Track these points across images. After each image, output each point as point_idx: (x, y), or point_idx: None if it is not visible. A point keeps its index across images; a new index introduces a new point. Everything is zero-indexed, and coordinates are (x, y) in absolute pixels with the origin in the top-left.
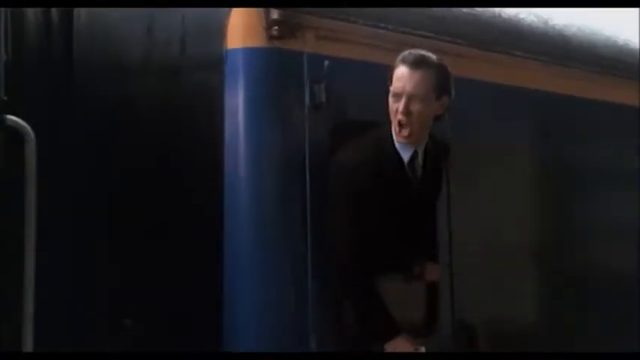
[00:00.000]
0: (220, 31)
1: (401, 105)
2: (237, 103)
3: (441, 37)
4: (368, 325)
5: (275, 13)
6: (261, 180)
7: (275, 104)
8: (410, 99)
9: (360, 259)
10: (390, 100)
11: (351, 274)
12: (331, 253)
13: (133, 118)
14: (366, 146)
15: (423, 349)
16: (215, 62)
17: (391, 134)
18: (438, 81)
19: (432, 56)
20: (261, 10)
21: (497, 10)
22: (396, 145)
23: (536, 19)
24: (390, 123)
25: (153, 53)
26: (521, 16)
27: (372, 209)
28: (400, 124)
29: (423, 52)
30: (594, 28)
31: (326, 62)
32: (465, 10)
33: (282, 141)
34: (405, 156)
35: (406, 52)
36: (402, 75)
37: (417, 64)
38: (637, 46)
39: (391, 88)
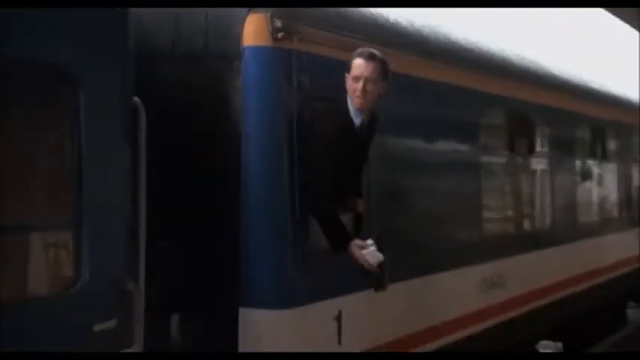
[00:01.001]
0: (239, 33)
1: (360, 85)
2: (251, 81)
3: (381, 42)
4: (335, 235)
5: (278, 22)
6: (266, 131)
7: (275, 83)
8: (366, 81)
9: (327, 191)
10: (350, 81)
11: (321, 202)
12: (311, 186)
13: (181, 90)
14: (333, 112)
15: (372, 248)
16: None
17: (347, 105)
18: (383, 70)
19: (378, 53)
20: (268, 18)
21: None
22: (352, 112)
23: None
24: (346, 97)
25: (190, 44)
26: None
27: (335, 153)
28: (358, 98)
29: (372, 49)
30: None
31: (304, 57)
32: (403, 24)
33: (280, 107)
34: (357, 120)
35: (361, 49)
36: (359, 64)
37: (370, 57)
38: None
39: (351, 74)
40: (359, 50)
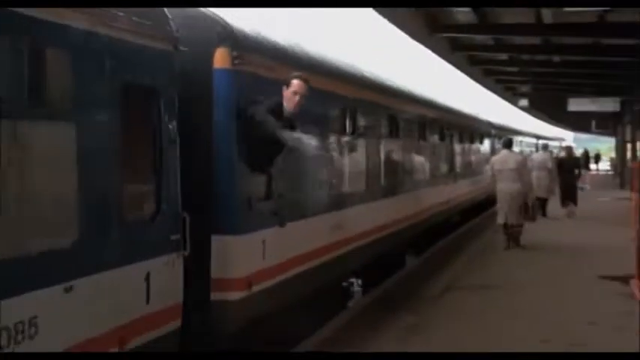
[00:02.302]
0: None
1: (297, 98)
2: (219, 91)
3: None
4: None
5: (234, 53)
6: (227, 123)
7: (234, 96)
8: (301, 96)
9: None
10: (289, 94)
11: (257, 165)
12: (252, 152)
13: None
14: (273, 113)
15: None
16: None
17: (282, 108)
18: (309, 87)
19: (306, 75)
20: (229, 50)
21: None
22: (286, 113)
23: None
24: (280, 101)
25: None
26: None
27: (271, 141)
28: (294, 105)
29: (306, 74)
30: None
31: (248, 75)
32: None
33: (234, 103)
34: (289, 119)
35: (298, 73)
36: (298, 84)
37: (305, 80)
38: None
39: (290, 89)
40: (297, 74)
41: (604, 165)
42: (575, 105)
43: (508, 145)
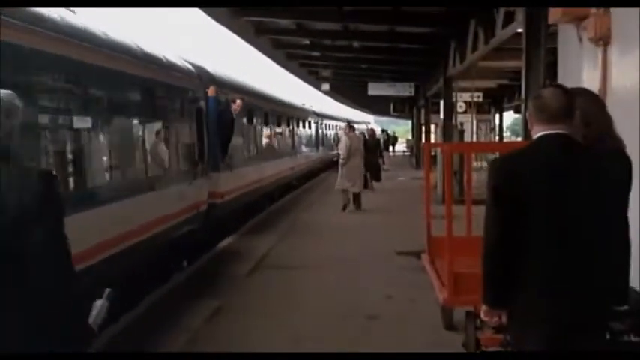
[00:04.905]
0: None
1: (238, 107)
2: (210, 105)
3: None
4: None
5: (217, 88)
6: (214, 119)
7: (215, 106)
8: (238, 106)
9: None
10: (235, 105)
11: (224, 146)
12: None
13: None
14: (228, 114)
15: None
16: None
17: (232, 111)
18: (241, 103)
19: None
20: (215, 88)
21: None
22: (233, 114)
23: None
24: (231, 109)
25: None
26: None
27: (229, 126)
28: (236, 110)
29: (240, 96)
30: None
31: (222, 98)
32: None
33: (215, 111)
34: (234, 117)
35: (240, 95)
36: (239, 102)
37: (241, 99)
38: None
39: (236, 103)
40: (239, 96)
41: (400, 147)
42: (375, 89)
43: (354, 129)
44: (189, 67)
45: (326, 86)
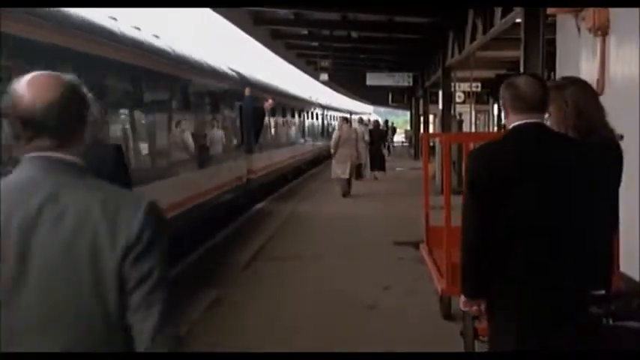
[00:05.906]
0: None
1: (270, 104)
2: (247, 103)
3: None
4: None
5: (251, 88)
6: (249, 112)
7: (251, 102)
8: (271, 105)
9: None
10: (267, 104)
11: (257, 134)
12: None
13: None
14: (260, 109)
15: None
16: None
17: (264, 108)
18: (273, 102)
19: (273, 97)
20: (250, 88)
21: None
22: (265, 110)
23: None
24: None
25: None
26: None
27: (262, 118)
28: (268, 107)
29: (272, 97)
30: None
31: (256, 96)
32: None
33: (250, 107)
34: (265, 112)
35: (269, 97)
36: (271, 102)
37: (272, 99)
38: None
39: (269, 102)
40: (271, 96)
41: (399, 137)
42: (373, 79)
43: (348, 122)
44: (234, 74)
45: (324, 76)
